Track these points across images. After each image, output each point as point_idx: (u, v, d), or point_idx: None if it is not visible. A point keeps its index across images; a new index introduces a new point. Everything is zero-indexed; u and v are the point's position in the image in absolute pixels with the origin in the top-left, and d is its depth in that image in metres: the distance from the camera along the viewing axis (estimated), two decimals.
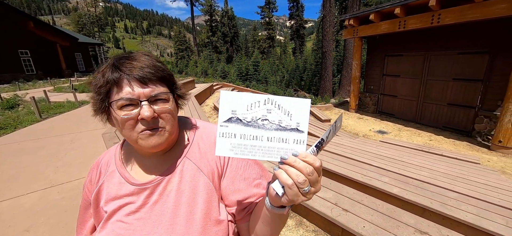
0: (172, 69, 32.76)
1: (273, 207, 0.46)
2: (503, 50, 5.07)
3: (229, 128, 0.42)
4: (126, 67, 0.52)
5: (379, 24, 6.74)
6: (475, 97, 5.69)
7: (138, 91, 0.51)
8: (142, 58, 0.54)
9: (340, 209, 1.72)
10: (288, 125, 0.42)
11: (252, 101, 0.42)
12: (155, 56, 0.59)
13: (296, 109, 0.42)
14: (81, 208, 0.69)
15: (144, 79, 0.52)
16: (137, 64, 0.52)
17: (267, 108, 0.42)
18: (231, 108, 0.42)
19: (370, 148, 3.97)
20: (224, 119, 0.42)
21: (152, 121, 0.53)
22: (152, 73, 0.53)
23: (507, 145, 4.70)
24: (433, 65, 6.45)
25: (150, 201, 0.56)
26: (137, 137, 0.53)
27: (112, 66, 0.52)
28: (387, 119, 7.61)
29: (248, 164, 0.63)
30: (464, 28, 5.58)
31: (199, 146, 0.63)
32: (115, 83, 0.51)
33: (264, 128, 0.42)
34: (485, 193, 2.33)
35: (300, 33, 41.71)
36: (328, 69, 13.39)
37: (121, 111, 0.51)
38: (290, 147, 0.43)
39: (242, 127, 0.42)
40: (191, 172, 0.58)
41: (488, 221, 1.79)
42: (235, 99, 0.42)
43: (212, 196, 0.57)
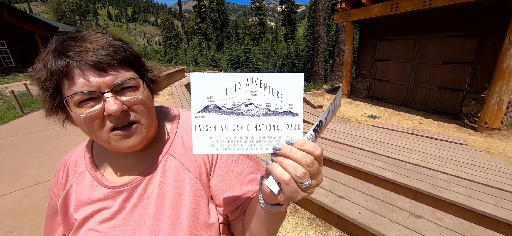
0: (161, 58, 31.81)
1: (268, 205, 0.39)
2: (492, 33, 5.13)
3: (206, 118, 0.34)
4: (74, 51, 0.40)
5: (371, 7, 6.65)
6: (464, 80, 5.80)
7: (97, 81, 0.40)
8: (94, 38, 0.42)
9: (335, 195, 1.72)
10: (278, 108, 0.34)
11: (232, 83, 0.34)
12: (112, 34, 0.47)
13: (287, 87, 0.34)
14: (47, 216, 0.59)
15: (101, 65, 0.40)
16: (88, 46, 0.40)
17: (251, 89, 0.34)
18: (206, 94, 0.34)
19: (362, 132, 4.01)
20: (199, 108, 0.34)
21: (123, 115, 0.43)
22: (110, 56, 0.41)
23: (492, 126, 4.85)
24: (424, 48, 6.49)
25: (128, 205, 0.48)
26: (108, 138, 0.43)
27: (54, 52, 0.40)
28: (378, 103, 7.70)
29: (240, 157, 0.56)
30: (455, 11, 5.58)
31: (183, 140, 0.54)
32: (62, 74, 0.39)
33: (249, 115, 0.35)
34: (474, 173, 2.39)
35: (292, 18, 41.05)
36: (320, 55, 13.29)
37: (80, 109, 0.41)
38: (284, 134, 0.35)
39: (222, 115, 0.34)
40: (175, 170, 0.50)
41: (478, 201, 1.83)
42: (209, 82, 0.33)
43: (200, 196, 0.50)
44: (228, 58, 25.02)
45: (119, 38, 0.46)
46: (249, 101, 0.34)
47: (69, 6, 44.31)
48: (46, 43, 0.44)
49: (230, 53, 25.40)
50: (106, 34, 0.45)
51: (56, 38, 0.43)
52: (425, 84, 6.62)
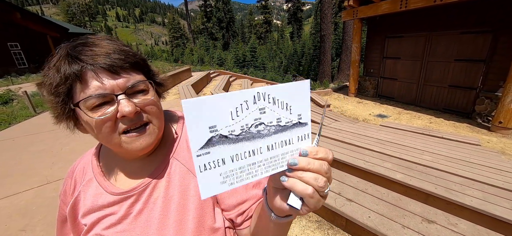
0: (168, 58, 32.18)
1: (279, 218, 0.37)
2: (507, 29, 4.93)
3: (212, 154, 0.28)
4: (87, 55, 0.41)
5: (379, 4, 6.50)
6: (476, 78, 5.60)
7: (110, 84, 0.42)
8: (104, 43, 0.44)
9: (344, 198, 1.68)
10: (289, 122, 0.31)
11: (237, 103, 0.28)
12: (119, 40, 0.49)
13: (295, 97, 0.31)
14: (58, 222, 0.61)
15: (114, 68, 0.42)
16: (100, 50, 0.42)
17: (259, 107, 0.29)
18: (207, 125, 0.27)
19: (371, 132, 3.92)
20: (200, 144, 0.27)
21: (136, 117, 0.44)
22: (122, 60, 0.43)
23: (507, 125, 4.67)
24: (434, 46, 6.30)
25: (134, 210, 0.49)
26: (120, 141, 0.44)
27: (67, 56, 0.41)
28: (387, 102, 7.54)
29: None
30: (467, 6, 5.39)
31: (187, 143, 0.55)
32: (77, 78, 0.40)
33: (260, 136, 0.30)
34: (488, 176, 2.30)
35: (298, 16, 40.69)
36: (326, 53, 13.13)
37: (94, 112, 0.42)
38: (295, 147, 0.33)
39: (231, 145, 0.29)
40: (180, 175, 0.51)
41: (493, 205, 1.76)
42: (210, 108, 0.27)
43: (205, 201, 0.50)
44: (234, 57, 25.04)
45: (127, 44, 0.48)
46: (259, 121, 0.30)
47: (79, 8, 45.35)
48: (56, 49, 0.44)
49: (236, 52, 25.41)
50: (113, 40, 0.47)
51: (65, 45, 0.44)
52: (436, 83, 6.43)
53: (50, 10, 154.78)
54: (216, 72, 14.57)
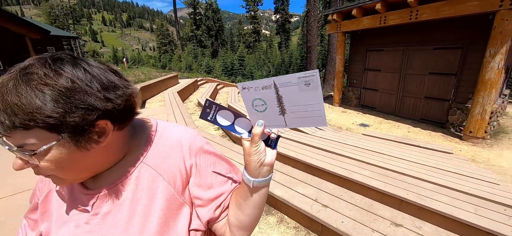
0: (155, 64, 31.66)
1: (257, 180, 0.51)
2: (474, 46, 5.36)
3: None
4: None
5: (361, 19, 6.86)
6: (449, 91, 5.99)
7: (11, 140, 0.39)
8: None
9: (320, 205, 1.73)
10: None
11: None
12: (7, 90, 0.38)
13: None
14: (29, 210, 0.63)
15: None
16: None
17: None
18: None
19: (352, 141, 4.06)
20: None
21: (36, 170, 0.44)
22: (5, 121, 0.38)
23: (476, 135, 5.01)
24: (411, 59, 6.70)
25: (101, 211, 0.51)
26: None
27: None
28: (369, 112, 7.84)
29: (216, 160, 0.61)
30: (440, 24, 5.82)
31: (158, 149, 0.57)
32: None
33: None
34: (457, 182, 2.45)
35: (286, 27, 41.75)
36: (313, 63, 13.53)
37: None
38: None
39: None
40: (149, 178, 0.53)
41: (459, 210, 1.87)
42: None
43: (172, 203, 0.53)
44: (222, 65, 25.12)
45: (17, 100, 0.38)
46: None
47: (62, 10, 43.86)
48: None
49: (225, 60, 25.53)
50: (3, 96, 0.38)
51: None
52: (413, 94, 6.81)
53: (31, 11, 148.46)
54: (203, 80, 14.53)
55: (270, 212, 2.07)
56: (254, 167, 0.51)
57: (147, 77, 14.09)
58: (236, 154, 2.78)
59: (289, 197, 1.84)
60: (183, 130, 0.62)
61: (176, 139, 0.59)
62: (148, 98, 7.54)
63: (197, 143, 0.60)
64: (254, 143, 0.49)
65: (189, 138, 0.60)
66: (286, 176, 2.37)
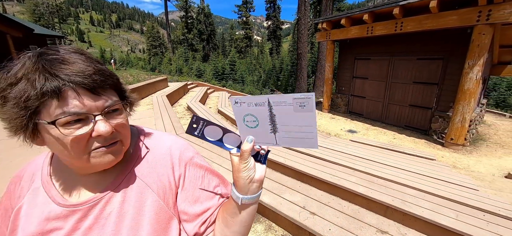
0: (144, 66, 31.10)
1: (246, 198, 0.50)
2: (454, 58, 5.65)
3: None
4: (66, 73, 0.40)
5: (349, 28, 7.07)
6: (431, 99, 6.25)
7: (89, 104, 0.42)
8: (80, 61, 0.43)
9: (307, 212, 1.73)
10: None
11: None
12: (90, 54, 0.47)
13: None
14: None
15: (95, 89, 0.43)
16: (78, 69, 0.41)
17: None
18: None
19: (340, 147, 4.12)
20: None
21: (111, 136, 0.45)
22: (103, 81, 0.44)
23: (457, 142, 5.23)
24: (396, 69, 6.96)
25: (82, 226, 0.46)
26: (88, 156, 0.44)
27: (43, 71, 0.39)
28: (356, 118, 8.03)
29: (206, 173, 0.59)
30: (423, 36, 6.10)
31: (147, 158, 0.54)
32: (55, 95, 0.39)
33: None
34: (439, 188, 2.53)
35: (277, 34, 42.35)
36: (303, 70, 13.75)
37: (66, 129, 0.41)
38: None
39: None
40: (137, 190, 0.50)
41: (441, 215, 1.93)
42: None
43: (161, 216, 0.50)
44: (213, 70, 25.01)
45: (101, 62, 0.48)
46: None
47: (48, 8, 42.34)
48: (20, 57, 0.42)
49: (216, 65, 25.45)
50: (87, 57, 0.45)
51: (34, 55, 0.41)
52: (398, 102, 7.05)
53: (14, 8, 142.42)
54: (194, 84, 14.38)
55: (258, 220, 2.05)
56: (244, 184, 0.49)
57: (135, 80, 13.78)
58: (224, 160, 2.75)
59: (277, 204, 1.83)
60: (174, 139, 0.60)
61: (166, 148, 0.57)
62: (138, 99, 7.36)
63: (188, 154, 0.58)
64: (244, 159, 0.48)
65: (180, 147, 0.58)
66: (275, 183, 2.36)
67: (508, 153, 5.42)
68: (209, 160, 2.77)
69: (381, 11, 6.01)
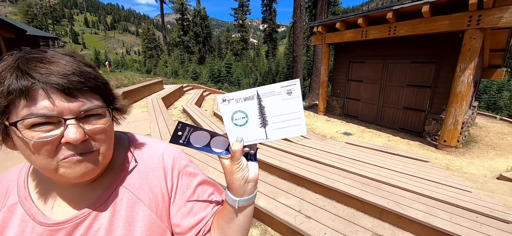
0: (140, 68, 30.84)
1: (242, 200, 0.47)
2: (447, 61, 5.76)
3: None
4: (41, 72, 0.37)
5: (344, 32, 7.15)
6: (425, 102, 6.35)
7: (61, 106, 0.38)
8: (63, 61, 0.39)
9: (303, 216, 1.72)
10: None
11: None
12: (82, 57, 0.44)
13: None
14: None
15: (70, 90, 0.38)
16: (56, 69, 0.38)
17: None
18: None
19: (336, 149, 4.14)
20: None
21: (82, 145, 0.40)
22: (81, 82, 0.39)
23: (450, 144, 5.31)
24: (390, 72, 7.05)
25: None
26: (57, 165, 0.39)
27: (16, 70, 0.37)
28: (352, 121, 8.09)
29: (199, 183, 0.56)
30: (416, 40, 6.20)
31: (138, 169, 0.51)
32: (22, 94, 0.36)
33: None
34: (433, 190, 2.55)
35: (273, 37, 42.57)
36: (299, 73, 13.82)
37: (31, 132, 0.37)
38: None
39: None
40: (128, 204, 0.47)
41: (435, 218, 1.94)
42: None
43: (154, 231, 0.47)
44: (209, 72, 24.97)
45: (89, 64, 0.44)
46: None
47: (41, 10, 41.72)
48: (4, 56, 0.40)
49: (212, 67, 25.41)
50: (75, 59, 0.42)
51: (17, 54, 0.39)
52: (393, 104, 7.13)
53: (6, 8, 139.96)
54: (189, 86, 14.32)
55: (253, 224, 2.03)
56: (239, 185, 0.47)
57: (130, 82, 13.63)
58: (219, 164, 2.72)
59: (272, 208, 1.82)
60: (166, 146, 0.57)
61: (158, 156, 0.54)
62: (130, 103, 7.27)
63: (181, 162, 0.56)
64: (236, 159, 0.46)
65: (173, 155, 0.56)
66: (270, 186, 2.35)
67: (499, 155, 5.52)
68: (204, 163, 2.74)
69: (375, 15, 6.10)
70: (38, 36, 25.08)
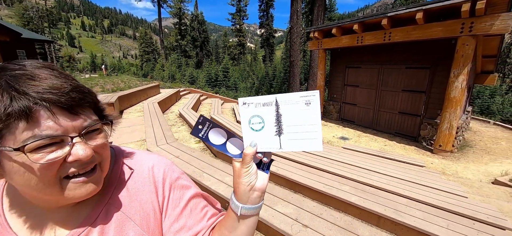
0: (136, 72, 30.72)
1: (245, 208, 0.47)
2: (441, 67, 5.84)
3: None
4: (36, 90, 0.35)
5: (340, 38, 7.23)
6: (420, 107, 6.41)
7: (65, 124, 0.36)
8: (52, 76, 0.37)
9: (300, 225, 1.70)
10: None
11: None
12: (62, 69, 0.43)
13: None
14: None
15: (73, 107, 0.37)
16: (53, 84, 0.36)
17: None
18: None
19: (333, 154, 4.14)
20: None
21: (90, 160, 0.39)
22: (81, 99, 0.39)
23: (445, 148, 5.35)
24: (386, 77, 7.12)
25: None
26: (60, 187, 0.38)
27: (8, 89, 0.34)
28: (348, 125, 8.12)
29: (192, 195, 0.54)
30: (410, 46, 6.30)
31: (127, 185, 0.48)
32: (24, 116, 0.33)
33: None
34: (430, 195, 2.56)
35: (270, 41, 42.88)
36: (295, 77, 13.89)
37: (34, 154, 0.34)
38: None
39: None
40: (117, 224, 0.44)
41: (432, 225, 1.94)
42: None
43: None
44: (206, 76, 24.94)
45: (75, 79, 0.42)
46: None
47: (38, 13, 41.41)
48: None
49: (209, 71, 25.41)
50: (60, 72, 0.40)
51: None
52: (388, 109, 7.19)
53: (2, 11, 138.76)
54: (186, 90, 14.26)
55: None
56: (244, 191, 0.46)
57: (126, 86, 13.55)
58: (216, 170, 2.69)
59: (269, 216, 1.79)
60: (156, 159, 0.55)
61: (148, 170, 0.51)
62: (126, 108, 7.19)
63: (172, 174, 0.53)
64: (245, 163, 0.46)
65: (163, 167, 0.53)
66: (267, 194, 2.32)
67: (494, 159, 5.58)
68: (200, 170, 2.70)
69: (370, 21, 6.19)
70: (34, 39, 24.86)
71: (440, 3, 4.74)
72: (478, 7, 4.25)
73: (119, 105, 6.51)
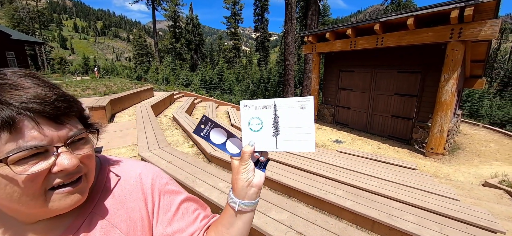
0: (130, 74, 30.34)
1: (243, 203, 0.49)
2: (431, 71, 5.97)
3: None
4: (19, 100, 0.33)
5: (334, 42, 7.31)
6: (412, 110, 6.52)
7: (50, 135, 0.35)
8: (35, 85, 0.36)
9: (294, 232, 1.67)
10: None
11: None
12: (46, 77, 0.40)
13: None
14: None
15: (59, 117, 0.36)
16: (37, 93, 0.35)
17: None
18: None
19: (327, 158, 4.14)
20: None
21: (76, 170, 0.39)
22: (67, 108, 0.38)
23: (437, 151, 5.44)
24: (378, 81, 7.23)
25: None
26: (44, 199, 0.36)
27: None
28: (342, 128, 8.18)
29: (182, 200, 0.54)
30: (402, 50, 6.42)
31: (113, 193, 0.47)
32: (6, 127, 0.32)
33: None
34: (423, 199, 2.57)
35: (265, 45, 43.14)
36: (290, 81, 13.96)
37: (18, 166, 0.33)
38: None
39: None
40: (101, 233, 0.42)
41: (425, 229, 1.94)
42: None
43: None
44: (201, 79, 24.82)
45: (57, 85, 0.41)
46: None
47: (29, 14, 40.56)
48: None
49: (203, 74, 25.31)
50: (43, 80, 0.39)
51: None
52: (381, 113, 7.28)
53: None
54: (180, 93, 14.13)
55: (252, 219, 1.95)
56: (242, 187, 0.49)
57: (119, 89, 13.34)
58: (209, 176, 2.64)
59: (262, 224, 1.76)
60: (144, 166, 0.54)
61: (136, 177, 0.50)
62: (118, 111, 7.06)
63: (161, 181, 0.53)
64: (244, 160, 0.49)
65: (151, 174, 0.52)
66: (261, 200, 2.29)
67: (484, 161, 5.70)
68: (192, 175, 2.65)
69: (363, 26, 6.29)
70: (24, 40, 24.31)
71: (430, 9, 4.86)
72: (466, 13, 4.37)
73: (111, 109, 6.38)
